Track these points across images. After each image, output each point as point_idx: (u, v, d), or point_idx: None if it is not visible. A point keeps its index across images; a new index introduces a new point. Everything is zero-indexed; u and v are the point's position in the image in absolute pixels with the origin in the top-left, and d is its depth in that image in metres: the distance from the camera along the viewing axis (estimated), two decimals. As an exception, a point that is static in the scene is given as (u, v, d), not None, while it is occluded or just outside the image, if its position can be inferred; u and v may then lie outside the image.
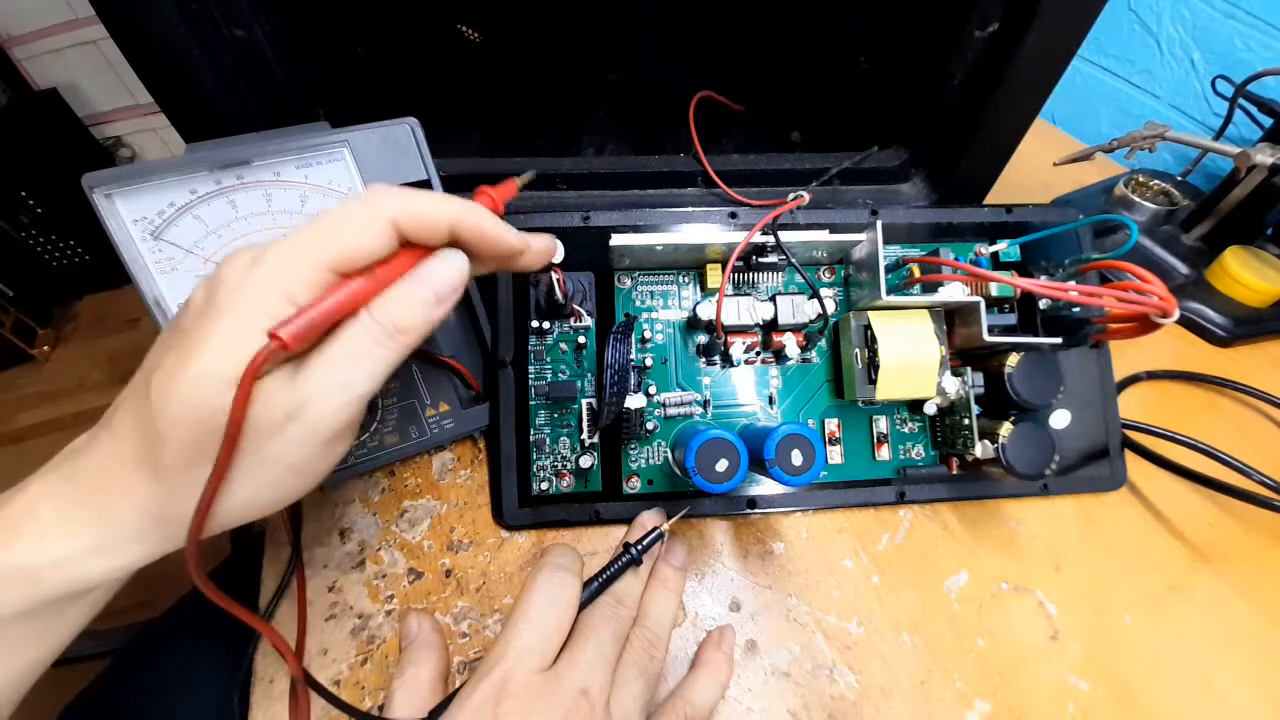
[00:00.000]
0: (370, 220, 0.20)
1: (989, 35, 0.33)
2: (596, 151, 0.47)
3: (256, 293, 0.18)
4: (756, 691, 0.29)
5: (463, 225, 0.21)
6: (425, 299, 0.20)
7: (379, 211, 0.20)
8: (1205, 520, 0.35)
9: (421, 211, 0.20)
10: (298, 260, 0.19)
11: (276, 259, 0.19)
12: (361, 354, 0.19)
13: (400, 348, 0.20)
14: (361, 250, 0.19)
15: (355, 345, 0.19)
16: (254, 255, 0.19)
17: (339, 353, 0.19)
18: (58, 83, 1.31)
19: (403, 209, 0.20)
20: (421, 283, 0.20)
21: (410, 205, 0.20)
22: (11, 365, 1.31)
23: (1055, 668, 0.30)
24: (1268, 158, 0.41)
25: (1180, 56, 0.59)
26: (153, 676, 0.40)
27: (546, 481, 0.33)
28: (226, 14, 0.31)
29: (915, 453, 0.35)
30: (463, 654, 0.30)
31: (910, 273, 0.34)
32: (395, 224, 0.20)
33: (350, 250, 0.19)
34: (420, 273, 0.21)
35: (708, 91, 0.44)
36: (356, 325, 0.19)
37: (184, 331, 0.19)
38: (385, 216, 0.20)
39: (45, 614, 0.20)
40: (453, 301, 0.21)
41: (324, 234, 0.19)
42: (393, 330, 0.20)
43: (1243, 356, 0.43)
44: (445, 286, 0.21)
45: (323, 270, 0.19)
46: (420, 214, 0.20)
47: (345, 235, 0.19)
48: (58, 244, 1.34)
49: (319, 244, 0.19)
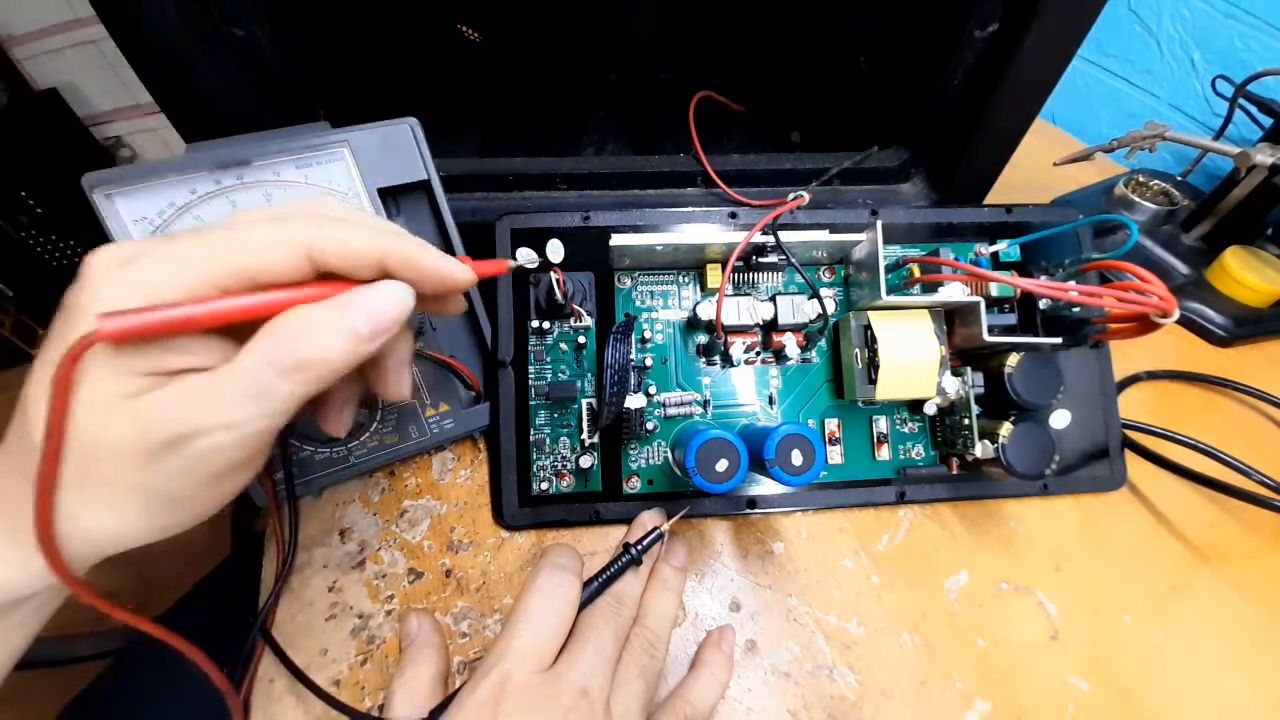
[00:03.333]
0: (279, 241, 0.17)
1: (989, 35, 0.33)
2: (596, 151, 0.47)
3: (116, 292, 0.16)
4: (756, 691, 0.29)
5: (393, 258, 0.18)
6: (353, 329, 0.17)
7: (292, 234, 0.17)
8: (1205, 520, 0.35)
9: (342, 240, 0.18)
10: (180, 268, 0.16)
11: (154, 263, 0.17)
12: (260, 387, 0.17)
13: (308, 382, 0.17)
14: (262, 272, 0.17)
15: (253, 377, 0.17)
16: (128, 253, 0.17)
17: (234, 382, 0.17)
18: (58, 83, 1.31)
19: (320, 235, 0.17)
20: (350, 309, 0.18)
21: (330, 233, 0.18)
22: (11, 365, 1.31)
23: (1055, 668, 0.30)
24: (1268, 158, 0.41)
25: (1180, 56, 0.59)
26: (153, 676, 0.40)
27: (546, 481, 0.33)
28: (226, 14, 0.31)
29: (915, 453, 0.35)
30: (463, 654, 0.30)
31: (910, 273, 0.34)
32: (309, 251, 0.17)
33: (246, 269, 0.17)
34: (345, 299, 0.18)
35: (708, 91, 0.44)
36: (255, 353, 0.17)
37: (50, 337, 0.17)
38: (300, 241, 0.17)
39: None
40: (384, 338, 0.18)
41: (219, 245, 0.17)
42: (302, 361, 0.17)
43: (1243, 356, 0.43)
44: (378, 318, 0.18)
45: (207, 285, 0.16)
46: (340, 243, 0.18)
47: (244, 252, 0.17)
48: (58, 244, 1.33)
49: (211, 255, 0.17)
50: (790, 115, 0.51)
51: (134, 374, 0.16)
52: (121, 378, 0.16)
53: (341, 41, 0.45)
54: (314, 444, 0.31)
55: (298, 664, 0.28)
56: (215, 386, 0.17)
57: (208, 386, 0.17)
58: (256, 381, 0.17)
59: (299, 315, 0.17)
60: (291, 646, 0.29)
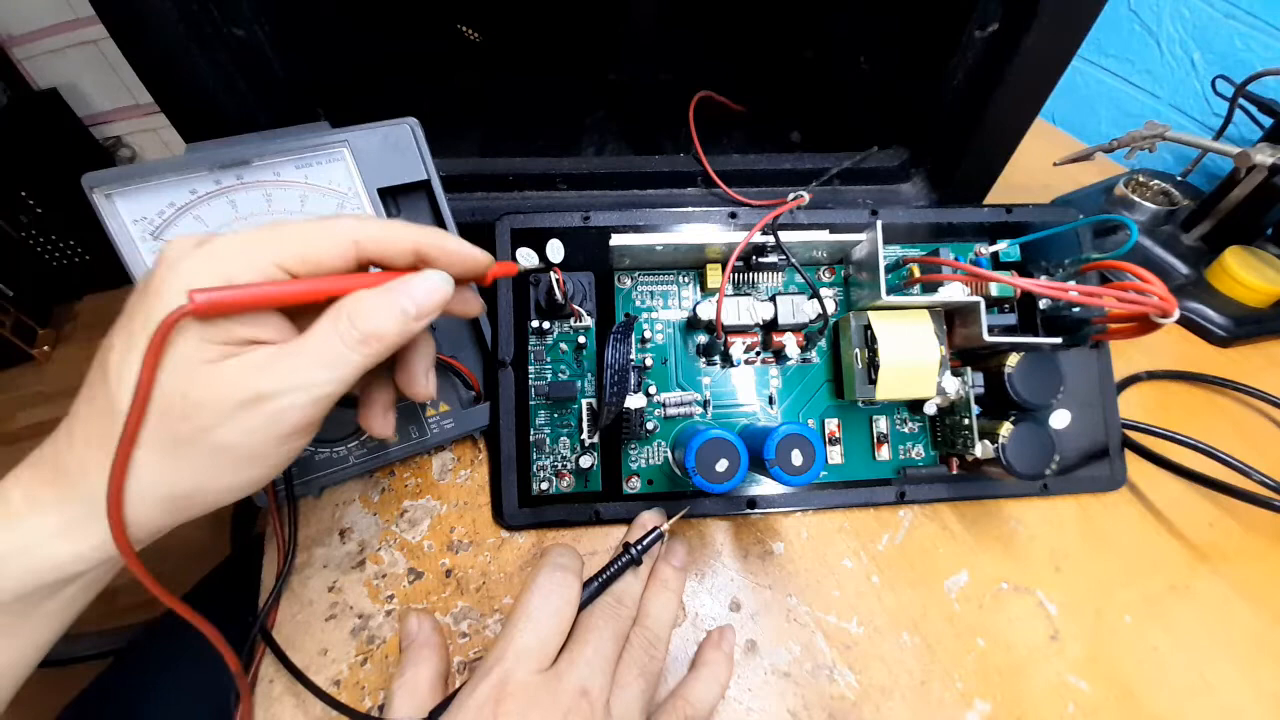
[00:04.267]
0: (330, 234, 0.20)
1: (989, 35, 0.33)
2: (596, 151, 0.47)
3: (194, 271, 0.18)
4: (756, 691, 0.29)
5: (425, 244, 0.21)
6: (404, 309, 0.20)
7: (340, 228, 0.20)
8: (1205, 520, 0.35)
9: (382, 233, 0.21)
10: (247, 249, 0.19)
11: (224, 244, 0.19)
12: (330, 354, 0.19)
13: (371, 355, 0.20)
14: (318, 257, 0.20)
15: (325, 344, 0.19)
16: (201, 238, 0.19)
17: (308, 349, 0.19)
18: (58, 83, 1.31)
19: (364, 228, 0.20)
20: (401, 293, 0.21)
21: (372, 226, 0.20)
22: (11, 365, 1.31)
23: (1055, 668, 0.30)
24: (1268, 158, 0.41)
25: (1180, 56, 0.59)
26: (153, 676, 0.40)
27: (546, 481, 0.33)
28: (226, 14, 0.31)
29: (915, 453, 0.35)
30: (463, 654, 0.30)
31: (910, 273, 0.34)
32: (356, 243, 0.20)
33: (305, 253, 0.19)
34: (400, 284, 0.21)
35: (708, 91, 0.44)
36: (328, 324, 0.19)
37: (128, 314, 0.19)
38: (347, 233, 0.20)
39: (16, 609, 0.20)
40: (429, 319, 0.21)
41: (280, 234, 0.19)
42: (366, 335, 0.20)
43: (1243, 356, 0.43)
44: (425, 301, 0.21)
45: (271, 265, 0.19)
46: (381, 235, 0.21)
47: (301, 240, 0.19)
48: (58, 244, 1.34)
49: (273, 240, 0.19)
50: (790, 115, 0.51)
51: (214, 343, 0.18)
52: (204, 345, 0.18)
53: (341, 41, 0.45)
54: (314, 444, 0.31)
55: (297, 664, 0.28)
56: (294, 355, 0.19)
57: (287, 355, 0.19)
58: (331, 351, 0.19)
59: (360, 298, 0.20)
60: (291, 646, 0.29)
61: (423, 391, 0.24)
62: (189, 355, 0.18)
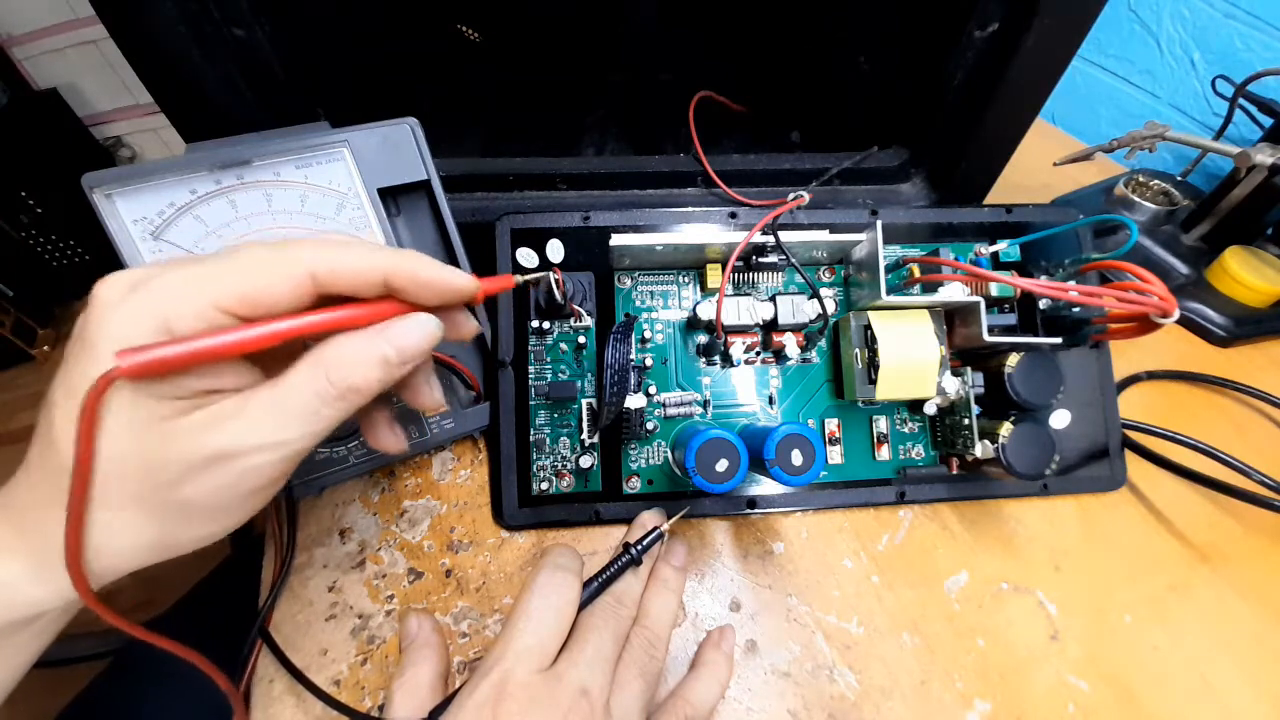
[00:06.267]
0: (281, 267, 0.18)
1: (989, 35, 0.33)
2: (596, 151, 0.47)
3: (127, 319, 0.16)
4: (756, 691, 0.29)
5: (395, 273, 0.19)
6: (386, 358, 0.19)
7: (294, 259, 0.18)
8: (1205, 520, 0.35)
9: (343, 262, 0.18)
10: (186, 290, 0.17)
11: (161, 285, 0.17)
12: (303, 409, 0.18)
13: (348, 408, 0.18)
14: (267, 295, 0.17)
15: (298, 398, 0.18)
16: (136, 279, 0.17)
17: (278, 402, 0.18)
18: (58, 83, 1.31)
19: (321, 258, 0.18)
20: (383, 341, 0.19)
21: (330, 254, 0.18)
22: (11, 365, 1.31)
23: (1055, 668, 0.30)
24: (1268, 158, 0.41)
25: (1180, 56, 0.59)
26: (153, 676, 0.40)
27: (546, 481, 0.33)
28: (226, 14, 0.31)
29: (915, 453, 0.35)
30: (463, 654, 0.30)
31: (910, 273, 0.34)
32: (312, 275, 0.18)
33: (253, 293, 0.17)
34: (384, 328, 0.19)
35: (708, 91, 0.44)
36: (304, 376, 0.18)
37: (66, 365, 0.17)
38: (301, 266, 0.18)
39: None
40: (413, 365, 0.20)
41: (225, 269, 0.17)
42: (344, 391, 0.18)
43: (1243, 356, 0.43)
44: (412, 349, 0.19)
45: (213, 308, 0.17)
46: (341, 265, 0.18)
47: (249, 277, 0.17)
48: (58, 244, 1.34)
49: (217, 279, 0.17)
50: (790, 115, 0.51)
51: (164, 399, 0.17)
52: (151, 403, 0.17)
53: (342, 41, 0.45)
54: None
55: (297, 664, 0.28)
56: (263, 409, 0.18)
57: (255, 408, 0.18)
58: (305, 406, 0.18)
59: (339, 346, 0.18)
60: (291, 646, 0.29)
61: (428, 403, 0.23)
62: (137, 416, 0.17)
